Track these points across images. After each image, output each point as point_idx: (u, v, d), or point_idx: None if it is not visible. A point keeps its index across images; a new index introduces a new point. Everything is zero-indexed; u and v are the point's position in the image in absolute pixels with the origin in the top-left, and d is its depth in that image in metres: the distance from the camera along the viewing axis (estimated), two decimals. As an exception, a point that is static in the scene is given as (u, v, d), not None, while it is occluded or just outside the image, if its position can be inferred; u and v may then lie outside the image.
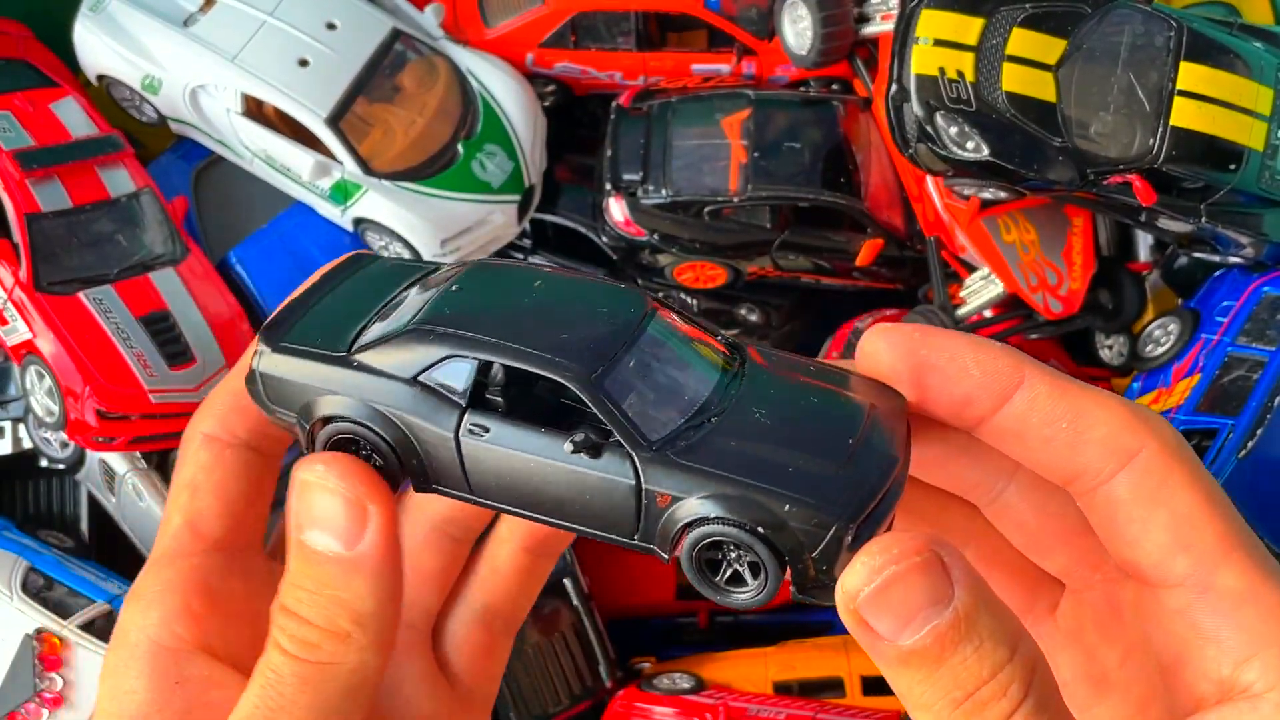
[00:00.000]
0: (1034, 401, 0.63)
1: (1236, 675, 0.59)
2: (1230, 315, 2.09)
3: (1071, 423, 0.63)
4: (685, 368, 0.64)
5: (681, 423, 0.62)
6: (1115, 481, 0.62)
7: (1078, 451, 0.63)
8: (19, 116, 2.08)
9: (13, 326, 2.02)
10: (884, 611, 0.57)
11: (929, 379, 0.65)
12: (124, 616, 0.69)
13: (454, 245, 2.27)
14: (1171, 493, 0.61)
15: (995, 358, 0.64)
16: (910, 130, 1.93)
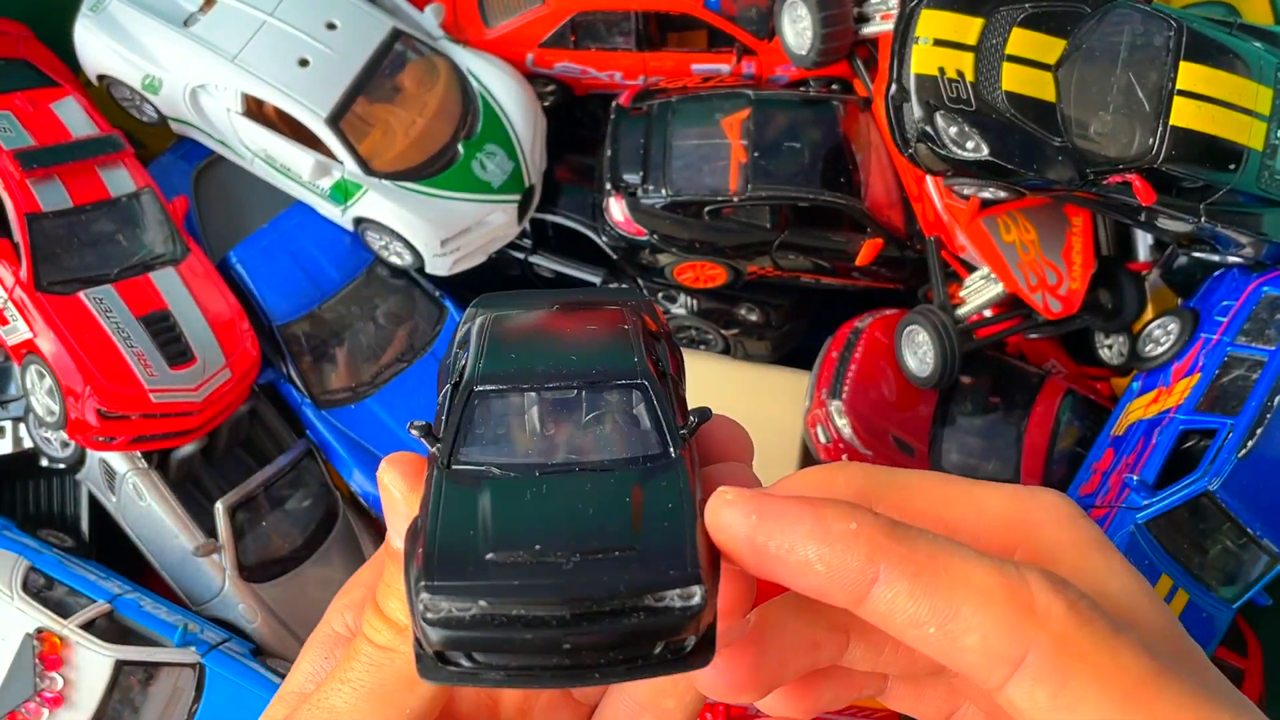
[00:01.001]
0: (893, 603, 0.54)
1: None
2: (1230, 315, 2.09)
3: (940, 628, 0.53)
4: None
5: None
6: (1008, 692, 0.53)
7: (954, 660, 0.54)
8: (19, 116, 2.08)
9: (13, 326, 2.02)
10: None
11: (771, 568, 0.56)
12: (328, 612, 0.71)
13: (454, 245, 2.27)
14: (1074, 699, 0.52)
15: (843, 551, 0.54)
16: (910, 130, 1.93)
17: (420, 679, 0.58)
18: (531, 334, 0.71)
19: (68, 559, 2.08)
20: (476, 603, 0.56)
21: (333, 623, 0.71)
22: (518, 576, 0.57)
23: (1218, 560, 1.95)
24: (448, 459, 0.65)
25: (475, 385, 0.67)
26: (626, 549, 0.57)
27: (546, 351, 0.68)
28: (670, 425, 0.64)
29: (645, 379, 0.66)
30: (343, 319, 2.35)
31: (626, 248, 2.31)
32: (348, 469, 2.30)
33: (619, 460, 0.64)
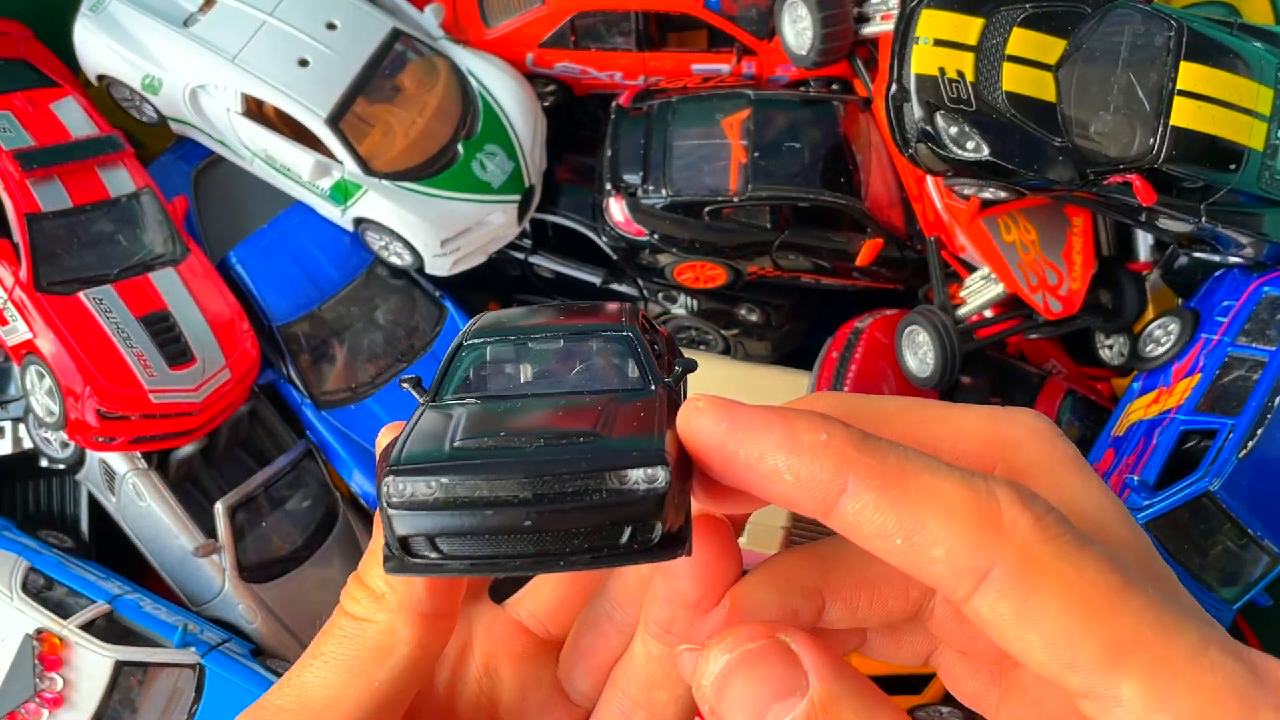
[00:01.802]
0: (860, 514, 0.54)
1: None
2: (1230, 315, 2.08)
3: (907, 539, 0.53)
4: None
5: None
6: (974, 604, 0.53)
7: (921, 571, 0.54)
8: (19, 116, 2.08)
9: (13, 326, 2.01)
10: (734, 708, 0.52)
11: (742, 476, 0.56)
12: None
13: (454, 245, 2.27)
14: (1038, 610, 0.52)
15: (811, 462, 0.54)
16: (910, 130, 1.93)
17: (391, 650, 0.60)
18: (525, 315, 0.73)
19: (68, 559, 2.07)
20: (439, 481, 0.56)
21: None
22: (481, 457, 0.57)
23: (1218, 561, 1.95)
24: (432, 398, 0.66)
25: (464, 340, 0.68)
26: (591, 436, 0.58)
27: (537, 321, 0.70)
28: (651, 367, 0.65)
29: (631, 331, 0.67)
30: (342, 319, 2.35)
31: (626, 248, 2.31)
32: (348, 469, 2.30)
33: (597, 390, 0.65)
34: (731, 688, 0.53)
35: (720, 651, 0.54)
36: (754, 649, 0.53)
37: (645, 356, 0.66)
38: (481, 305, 2.60)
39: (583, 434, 0.58)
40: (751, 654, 0.53)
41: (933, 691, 2.14)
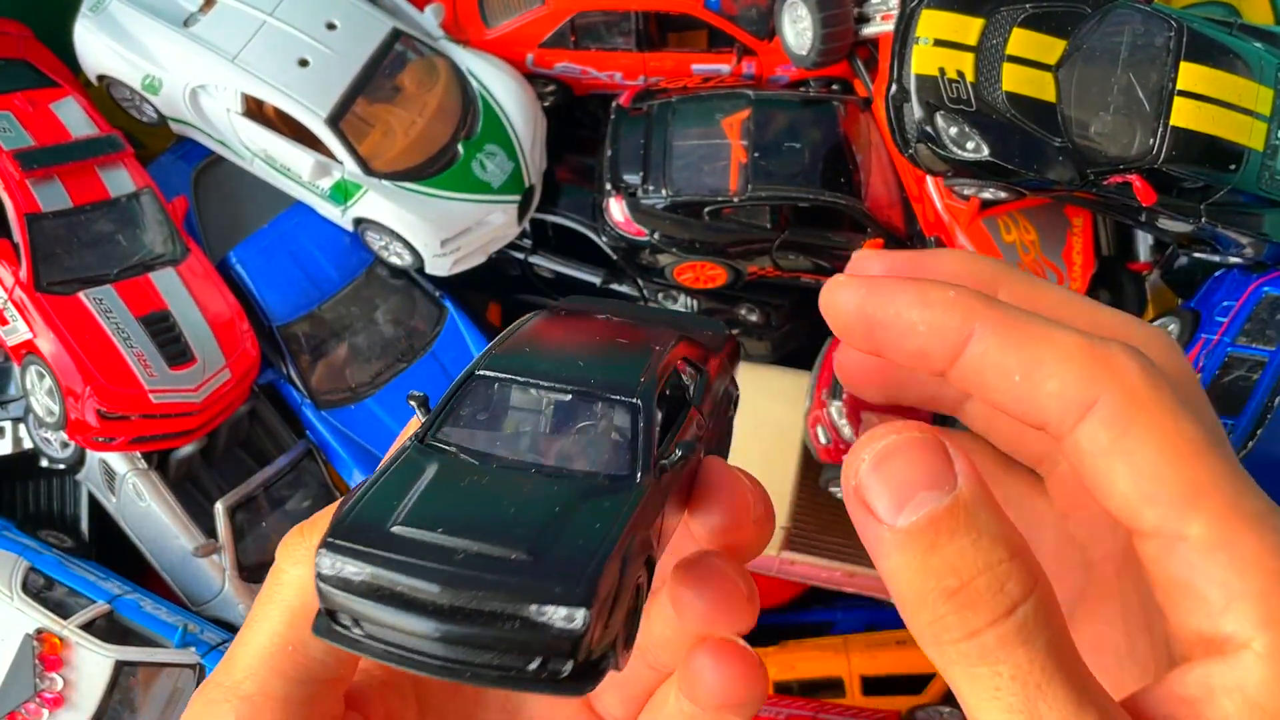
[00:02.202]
0: (985, 356, 0.61)
1: (1216, 628, 0.57)
2: (1230, 315, 2.09)
3: (1025, 375, 0.60)
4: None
5: None
6: (1076, 434, 0.60)
7: (1035, 405, 0.61)
8: (19, 116, 2.08)
9: (13, 326, 2.01)
10: (882, 487, 0.55)
11: (880, 335, 0.64)
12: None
13: (454, 245, 2.27)
14: (1132, 443, 0.58)
15: (943, 312, 0.61)
16: (910, 130, 1.93)
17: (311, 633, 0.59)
18: (560, 335, 0.72)
19: (68, 559, 2.08)
20: (368, 569, 0.56)
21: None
22: (411, 553, 0.56)
23: (1218, 561, 1.94)
24: (424, 433, 0.66)
25: (478, 370, 0.68)
26: (526, 555, 0.57)
27: (562, 354, 0.68)
28: (646, 451, 0.63)
29: (642, 399, 0.65)
30: (342, 319, 2.35)
31: (626, 248, 2.31)
32: (348, 469, 2.30)
33: (578, 472, 0.63)
34: (886, 466, 0.55)
35: (887, 431, 0.57)
36: (918, 437, 0.56)
37: (644, 438, 0.64)
38: (482, 305, 2.60)
39: (519, 552, 0.57)
40: (914, 441, 0.56)
41: (933, 691, 2.15)
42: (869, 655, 2.19)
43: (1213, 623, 0.57)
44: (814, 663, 2.22)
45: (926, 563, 0.55)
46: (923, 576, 0.55)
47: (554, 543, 0.58)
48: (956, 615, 0.54)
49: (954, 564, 0.54)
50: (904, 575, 0.55)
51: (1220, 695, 0.56)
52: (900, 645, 2.21)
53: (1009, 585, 0.54)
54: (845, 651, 2.22)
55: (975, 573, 0.54)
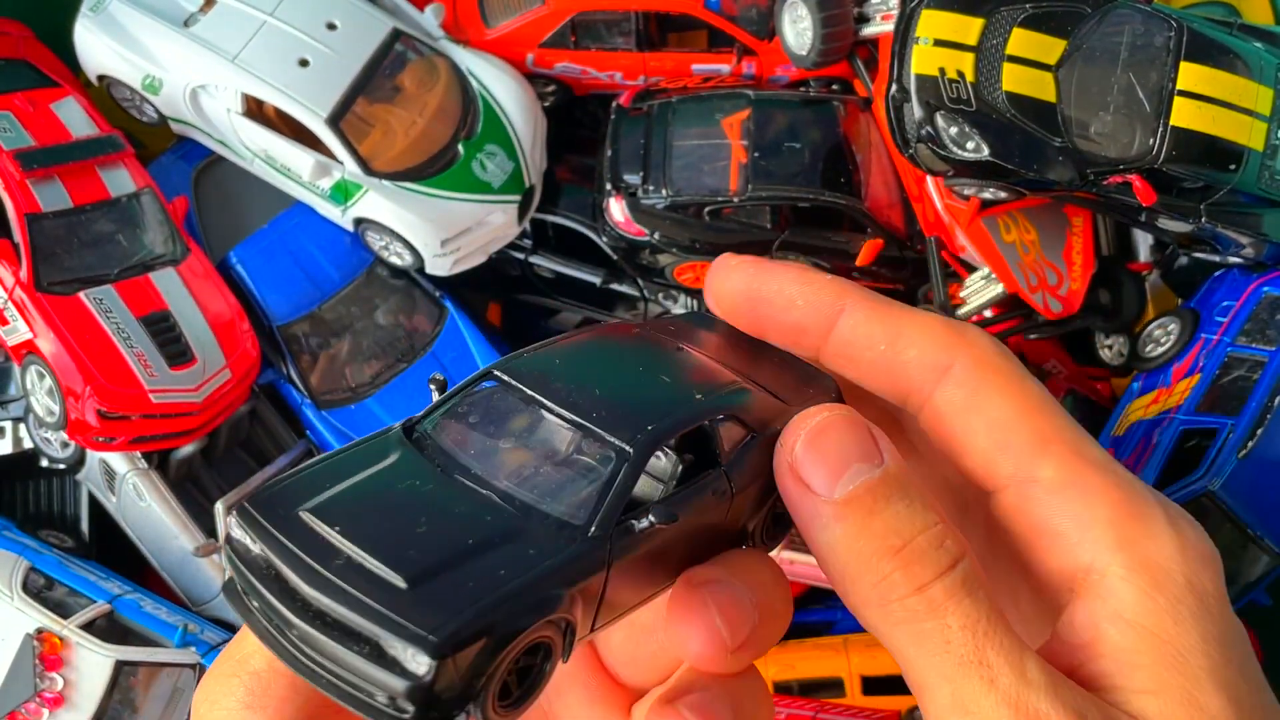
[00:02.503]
0: (854, 327, 0.67)
1: (1075, 560, 0.61)
2: (1230, 315, 2.09)
3: (889, 344, 0.66)
4: None
5: None
6: (935, 397, 0.65)
7: (898, 372, 0.66)
8: (19, 116, 2.08)
9: (13, 326, 2.01)
10: (818, 463, 0.59)
11: (762, 310, 0.69)
12: None
13: (454, 245, 2.27)
14: (985, 400, 0.63)
15: (819, 289, 0.68)
16: (910, 130, 1.93)
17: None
18: (604, 355, 0.70)
19: (68, 559, 2.07)
20: (258, 544, 0.57)
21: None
22: (300, 543, 0.55)
23: (1218, 560, 1.94)
24: (415, 421, 0.65)
25: (496, 370, 0.66)
26: (403, 581, 0.54)
27: (591, 376, 0.65)
28: (615, 506, 0.59)
29: (636, 448, 0.61)
30: (343, 319, 2.35)
31: (627, 248, 2.31)
32: (348, 469, 2.29)
33: (532, 508, 0.59)
34: (819, 443, 0.59)
35: (817, 410, 0.61)
36: (846, 415, 0.60)
37: (618, 491, 0.60)
38: (482, 305, 2.60)
39: (401, 575, 0.54)
40: (844, 419, 0.60)
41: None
42: (869, 655, 2.19)
43: (1072, 556, 0.61)
44: (814, 663, 2.22)
45: (867, 526, 0.57)
46: (865, 540, 0.57)
47: (441, 576, 0.54)
48: (902, 571, 0.57)
49: (894, 525, 0.57)
50: (845, 543, 0.58)
51: (1106, 628, 0.59)
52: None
53: (948, 542, 0.57)
54: (845, 651, 2.22)
55: (915, 532, 0.57)
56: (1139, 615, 0.58)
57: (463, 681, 0.53)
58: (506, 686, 0.56)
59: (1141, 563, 0.59)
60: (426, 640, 0.51)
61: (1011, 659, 0.56)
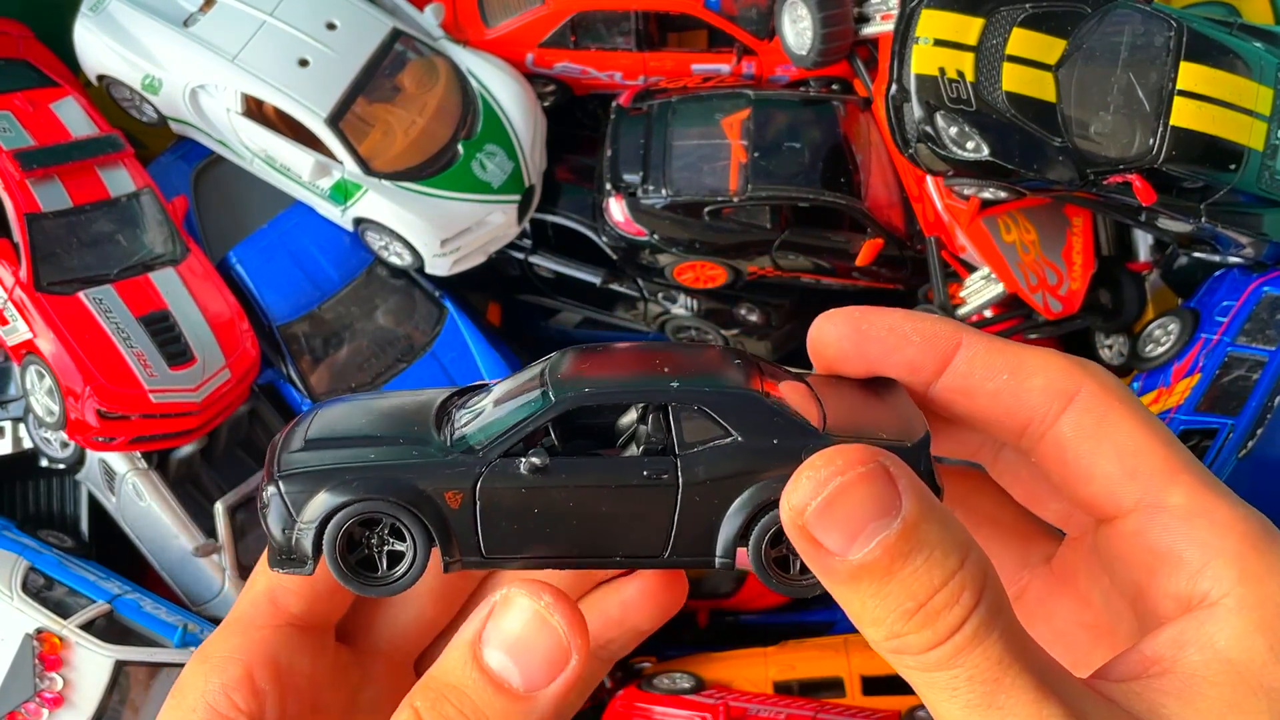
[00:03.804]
0: (973, 359, 0.67)
1: (1193, 587, 0.61)
2: (1230, 315, 2.09)
3: (1012, 374, 0.66)
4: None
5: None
6: (1060, 423, 0.65)
7: (1021, 400, 0.66)
8: (19, 116, 2.07)
9: (13, 326, 2.01)
10: (831, 525, 0.57)
11: (872, 350, 0.69)
12: (187, 674, 0.71)
13: (454, 245, 2.27)
14: (1113, 426, 0.64)
15: (932, 325, 0.68)
16: (910, 130, 1.93)
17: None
18: (646, 348, 0.73)
19: (67, 559, 2.07)
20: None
21: (210, 701, 0.69)
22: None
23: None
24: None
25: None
26: (303, 443, 0.68)
27: (623, 362, 0.70)
28: (501, 436, 0.66)
29: (557, 400, 0.65)
30: (342, 319, 2.34)
31: (626, 248, 2.31)
32: (348, 469, 2.29)
33: (458, 430, 0.68)
34: (833, 508, 0.57)
35: (830, 474, 0.57)
36: (862, 472, 0.57)
37: (510, 425, 0.67)
38: (482, 305, 2.60)
39: (297, 447, 0.69)
40: (860, 478, 0.57)
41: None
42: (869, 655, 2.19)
43: (1191, 583, 0.61)
44: (814, 663, 2.22)
45: (882, 591, 0.56)
46: (879, 604, 0.57)
47: (332, 445, 0.66)
48: (916, 635, 0.56)
49: (910, 587, 0.56)
50: (863, 607, 0.57)
51: (1190, 649, 0.58)
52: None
53: (964, 596, 0.56)
54: (845, 651, 2.21)
55: (931, 590, 0.56)
56: (1231, 649, 0.58)
57: (302, 519, 0.64)
58: (355, 552, 0.66)
59: (1258, 599, 0.59)
60: (273, 478, 0.65)
61: (1027, 700, 0.56)
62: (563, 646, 0.61)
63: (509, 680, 0.61)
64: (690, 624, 2.52)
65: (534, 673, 0.60)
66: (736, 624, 2.50)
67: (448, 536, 0.65)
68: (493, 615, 0.62)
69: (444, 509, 0.64)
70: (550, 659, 0.61)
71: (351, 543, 0.65)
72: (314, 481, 0.64)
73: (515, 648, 0.61)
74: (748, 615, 2.49)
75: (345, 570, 0.65)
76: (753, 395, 0.65)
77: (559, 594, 0.62)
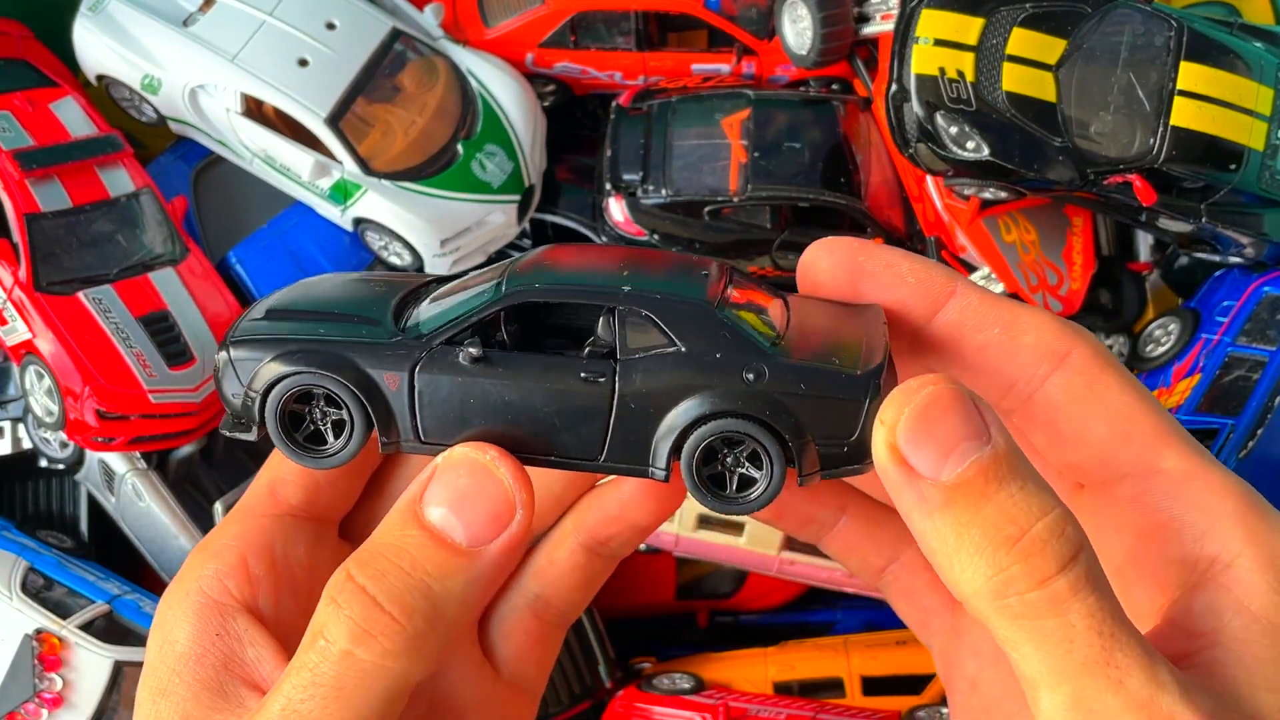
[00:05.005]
0: (966, 309, 0.65)
1: (1200, 551, 0.59)
2: (1230, 315, 2.08)
3: (1004, 329, 0.64)
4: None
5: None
6: (1050, 384, 0.64)
7: (1011, 357, 0.64)
8: (19, 116, 2.07)
9: (12, 326, 2.01)
10: (923, 442, 0.54)
11: (865, 285, 0.67)
12: (187, 563, 0.70)
13: (454, 245, 2.27)
14: (1105, 389, 0.63)
15: (929, 268, 0.66)
16: (910, 130, 1.93)
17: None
18: (627, 254, 0.73)
19: (67, 559, 2.07)
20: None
21: (204, 586, 0.68)
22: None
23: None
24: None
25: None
26: (264, 312, 0.70)
27: (593, 263, 0.70)
28: (443, 323, 0.67)
29: (506, 293, 0.66)
30: (342, 319, 2.34)
31: (626, 248, 2.31)
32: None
33: (410, 316, 0.69)
34: (923, 420, 0.54)
35: (920, 384, 0.55)
36: (951, 389, 0.55)
37: (454, 314, 0.68)
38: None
39: (257, 318, 0.72)
40: (949, 393, 0.55)
41: (933, 692, 2.15)
42: (869, 655, 2.19)
43: (1198, 546, 0.59)
44: (814, 663, 2.22)
45: (981, 513, 0.53)
46: (979, 528, 0.53)
47: (288, 317, 0.68)
48: (1022, 564, 0.52)
49: (1010, 512, 0.53)
50: (956, 531, 0.53)
51: (1229, 617, 0.57)
52: (900, 645, 2.21)
53: (1068, 530, 0.53)
54: (845, 651, 2.21)
55: (1034, 519, 0.52)
56: (1267, 609, 0.57)
57: (250, 386, 0.66)
58: (299, 423, 0.67)
59: (1271, 558, 0.58)
60: (225, 343, 0.67)
61: (1141, 661, 0.52)
62: (508, 499, 0.59)
63: (451, 535, 0.59)
64: (690, 624, 2.52)
65: (478, 527, 0.59)
66: (736, 624, 2.50)
67: (387, 418, 0.65)
68: (435, 475, 0.60)
69: (384, 389, 0.64)
70: (495, 512, 0.59)
71: (298, 416, 0.67)
72: (260, 350, 0.65)
73: (457, 502, 0.59)
74: (748, 615, 2.49)
75: (286, 439, 0.67)
76: (703, 305, 0.63)
77: (503, 451, 0.61)
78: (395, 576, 0.58)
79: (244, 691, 0.64)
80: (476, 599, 0.61)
